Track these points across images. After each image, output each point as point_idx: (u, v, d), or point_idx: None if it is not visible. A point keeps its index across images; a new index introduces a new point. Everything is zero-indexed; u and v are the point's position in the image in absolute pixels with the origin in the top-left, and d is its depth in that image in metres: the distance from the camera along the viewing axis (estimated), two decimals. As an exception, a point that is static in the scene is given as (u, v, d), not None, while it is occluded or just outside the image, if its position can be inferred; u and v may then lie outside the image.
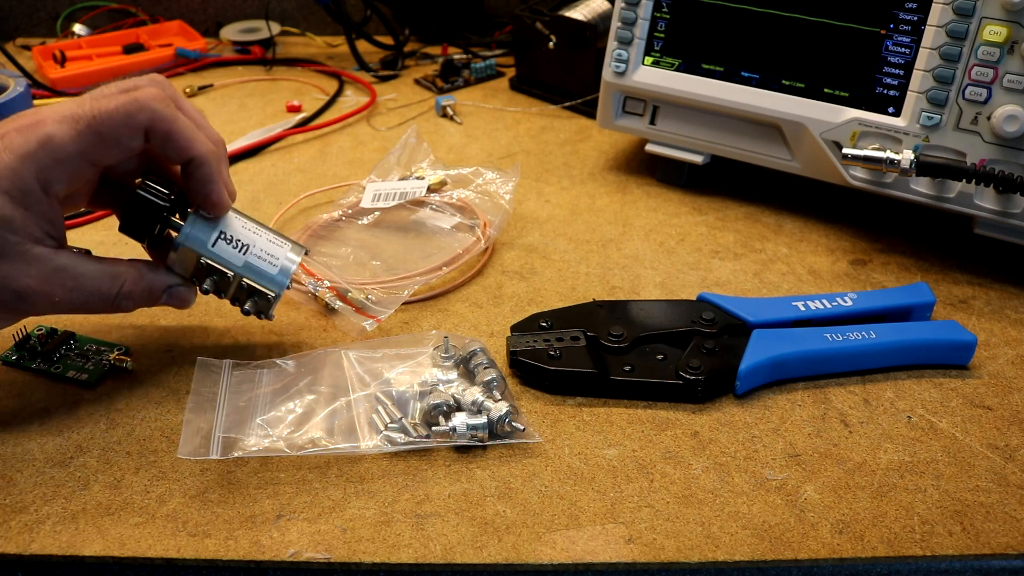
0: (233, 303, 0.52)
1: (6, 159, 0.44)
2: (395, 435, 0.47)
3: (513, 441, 0.48)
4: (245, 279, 0.51)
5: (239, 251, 0.51)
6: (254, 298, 0.52)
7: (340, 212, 0.69)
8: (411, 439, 0.47)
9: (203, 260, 0.50)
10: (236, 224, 0.51)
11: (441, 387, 0.50)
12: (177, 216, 0.51)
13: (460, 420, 0.48)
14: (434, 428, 0.48)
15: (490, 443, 0.48)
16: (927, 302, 0.57)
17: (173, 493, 0.45)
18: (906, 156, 0.60)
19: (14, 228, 0.45)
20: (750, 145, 0.70)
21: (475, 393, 0.49)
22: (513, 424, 0.48)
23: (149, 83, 0.48)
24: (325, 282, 0.59)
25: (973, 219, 0.62)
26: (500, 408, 0.48)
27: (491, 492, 0.45)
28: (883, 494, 0.46)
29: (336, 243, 0.66)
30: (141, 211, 0.49)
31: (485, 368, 0.51)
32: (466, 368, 0.52)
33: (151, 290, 0.50)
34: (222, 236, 0.50)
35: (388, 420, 0.48)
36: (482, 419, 0.48)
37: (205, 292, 0.51)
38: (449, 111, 0.89)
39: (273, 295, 0.51)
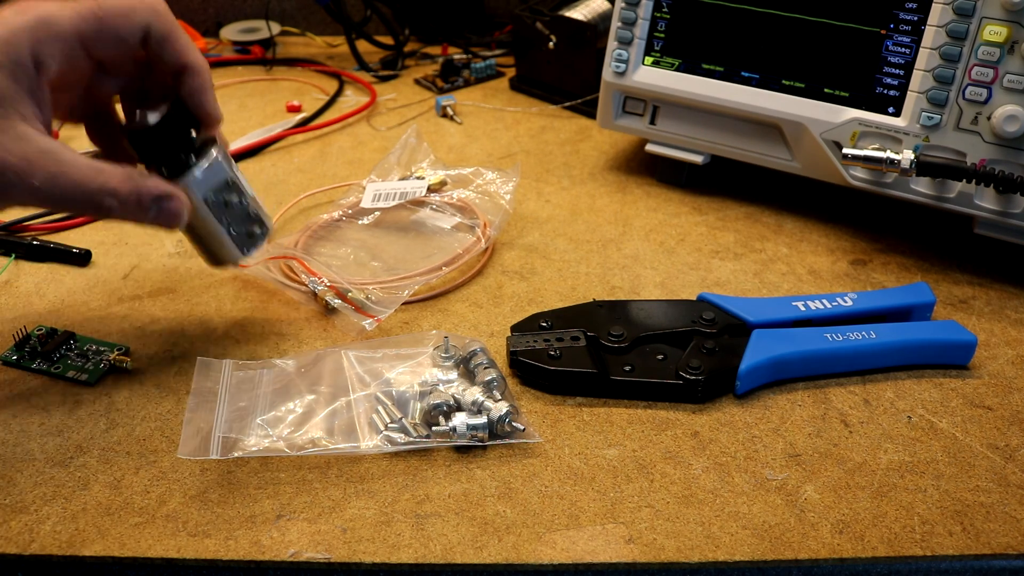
0: (228, 231, 0.52)
1: (1, 33, 0.43)
2: (395, 435, 0.47)
3: (513, 441, 0.48)
4: (253, 206, 0.53)
5: (247, 183, 0.53)
6: (251, 228, 0.53)
7: (340, 212, 0.69)
8: (411, 439, 0.47)
9: (229, 179, 0.51)
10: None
11: (441, 387, 0.50)
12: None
13: (460, 420, 0.48)
14: (434, 428, 0.48)
15: (490, 443, 0.48)
16: (927, 302, 0.57)
17: (173, 493, 0.45)
18: (906, 156, 0.60)
19: (1, 99, 0.43)
20: (750, 145, 0.70)
21: (475, 393, 0.49)
22: (513, 424, 0.48)
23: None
24: (325, 281, 0.59)
25: (973, 219, 0.62)
26: (500, 408, 0.48)
27: (491, 492, 0.45)
28: (883, 494, 0.46)
29: (336, 243, 0.66)
30: (176, 125, 0.49)
31: (485, 368, 0.51)
32: (466, 368, 0.52)
33: (139, 194, 0.46)
34: (236, 168, 0.52)
35: (388, 420, 0.48)
36: (482, 419, 0.48)
37: (207, 207, 0.50)
38: (449, 111, 0.89)
39: (269, 228, 0.54)
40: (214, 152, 0.50)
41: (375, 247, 0.66)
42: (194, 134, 0.50)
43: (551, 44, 0.89)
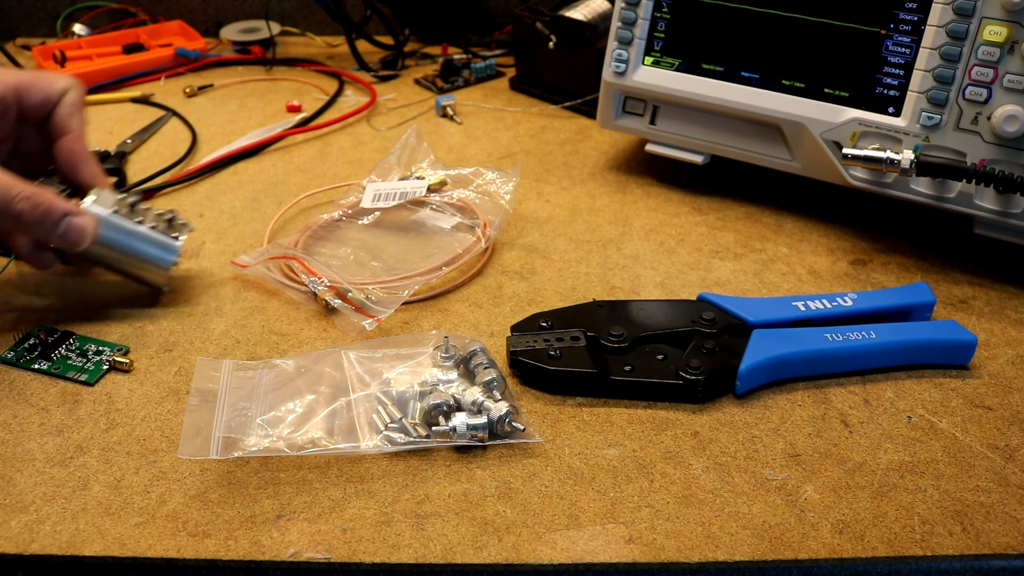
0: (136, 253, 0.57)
1: None
2: (395, 435, 0.47)
3: (513, 441, 0.48)
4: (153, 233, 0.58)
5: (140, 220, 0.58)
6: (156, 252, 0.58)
7: (340, 212, 0.69)
8: (411, 439, 0.47)
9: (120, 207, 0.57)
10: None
11: (441, 387, 0.50)
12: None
13: (460, 420, 0.48)
14: (434, 428, 0.48)
15: (490, 443, 0.48)
16: (927, 302, 0.57)
17: (173, 493, 0.45)
18: (906, 156, 0.60)
19: None
20: (750, 145, 0.70)
21: (475, 393, 0.49)
22: (513, 424, 0.48)
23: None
24: (325, 281, 0.59)
25: (973, 219, 0.62)
26: (500, 408, 0.48)
27: (491, 492, 0.45)
28: (883, 494, 0.46)
29: (336, 243, 0.66)
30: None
31: (485, 368, 0.51)
32: (466, 368, 0.52)
33: (50, 206, 0.51)
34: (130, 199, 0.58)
35: (388, 420, 0.48)
36: (482, 419, 0.48)
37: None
38: (449, 111, 0.89)
39: (176, 250, 0.59)
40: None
41: (375, 247, 0.66)
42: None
43: (551, 44, 0.89)
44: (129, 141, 0.84)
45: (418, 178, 0.70)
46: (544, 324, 0.55)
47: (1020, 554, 0.42)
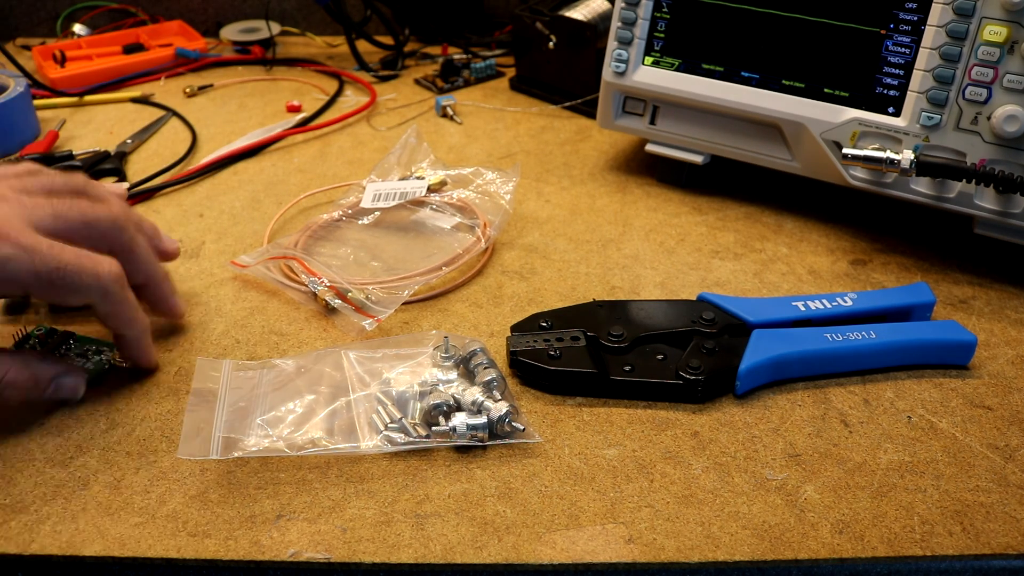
0: None
1: None
2: (395, 435, 0.47)
3: (513, 441, 0.48)
4: None
5: None
6: None
7: (340, 212, 0.69)
8: (411, 439, 0.47)
9: None
10: None
11: (441, 387, 0.50)
12: None
13: (460, 420, 0.48)
14: (434, 428, 0.48)
15: (490, 443, 0.48)
16: (927, 302, 0.57)
17: (173, 493, 0.45)
18: (906, 156, 0.60)
19: None
20: (750, 145, 0.70)
21: (475, 393, 0.49)
22: (513, 424, 0.48)
23: (116, 229, 0.50)
24: (325, 281, 0.59)
25: (973, 219, 0.62)
26: (500, 408, 0.48)
27: (491, 492, 0.45)
28: (883, 494, 0.46)
29: (336, 243, 0.66)
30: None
31: (485, 368, 0.51)
32: (466, 368, 0.52)
33: (37, 379, 0.49)
34: None
35: (388, 420, 0.48)
36: (482, 419, 0.48)
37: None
38: (449, 111, 0.89)
39: None
40: None
41: (375, 247, 0.66)
42: None
43: (551, 44, 0.89)
44: (129, 141, 0.84)
45: (418, 178, 0.70)
46: (544, 324, 0.55)
47: (1020, 554, 0.42)
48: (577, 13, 0.86)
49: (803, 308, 0.56)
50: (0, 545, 0.42)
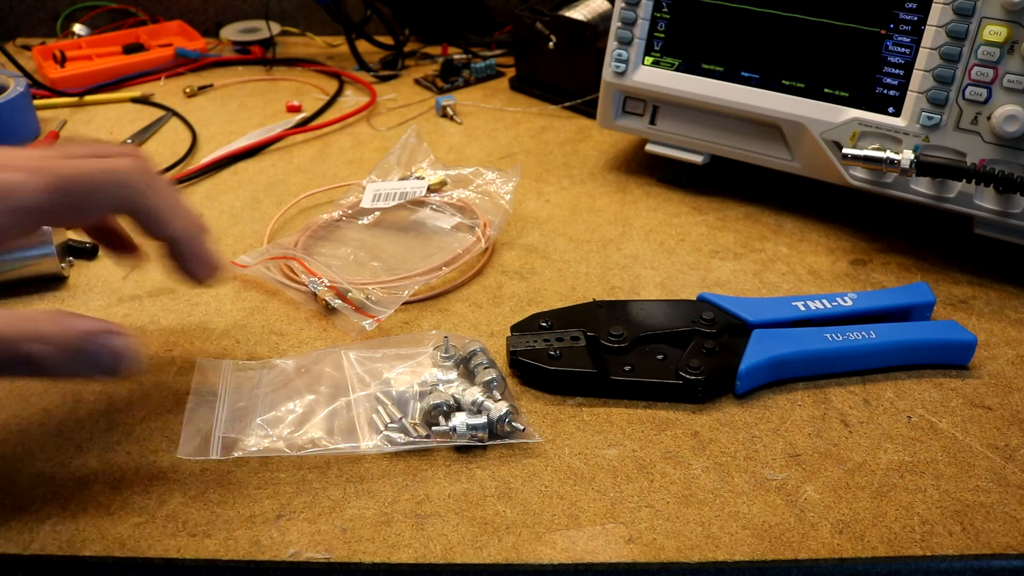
0: None
1: None
2: (395, 435, 0.47)
3: (513, 441, 0.48)
4: None
5: None
6: None
7: (340, 212, 0.69)
8: (411, 439, 0.47)
9: None
10: None
11: (441, 387, 0.50)
12: None
13: (460, 420, 0.48)
14: (434, 428, 0.48)
15: (490, 443, 0.48)
16: (927, 302, 0.57)
17: (173, 493, 0.45)
18: (906, 156, 0.60)
19: None
20: (750, 145, 0.70)
21: (475, 393, 0.49)
22: (513, 424, 0.48)
23: (126, 153, 0.45)
24: (325, 281, 0.59)
25: (973, 219, 0.62)
26: (500, 408, 0.48)
27: (491, 492, 0.45)
28: (883, 494, 0.46)
29: (336, 243, 0.66)
30: None
31: (485, 368, 0.51)
32: (466, 368, 0.52)
33: (68, 331, 0.40)
34: None
35: (388, 420, 0.48)
36: (482, 419, 0.48)
37: None
38: (449, 111, 0.89)
39: None
40: None
41: (375, 247, 0.66)
42: None
43: (551, 44, 0.89)
44: (129, 141, 0.84)
45: (418, 178, 0.70)
46: (544, 324, 0.55)
47: (1020, 554, 0.42)
48: (577, 13, 0.86)
49: (803, 308, 0.56)
50: (0, 545, 0.42)
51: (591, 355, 0.52)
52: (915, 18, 0.61)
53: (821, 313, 0.56)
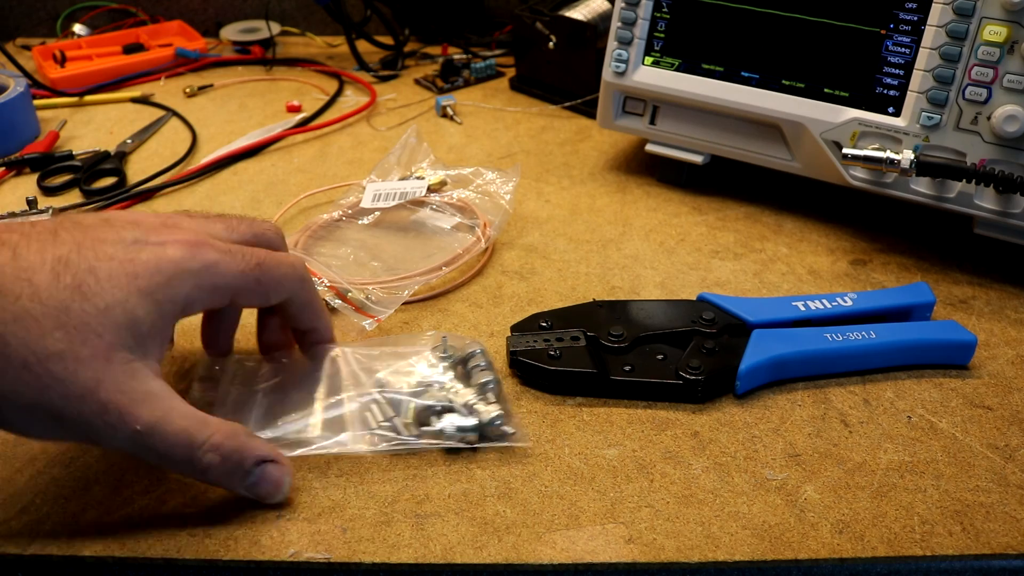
0: None
1: (165, 267, 0.41)
2: (387, 433, 0.47)
3: (503, 444, 0.48)
4: None
5: None
6: None
7: (340, 212, 0.69)
8: (401, 438, 0.47)
9: None
10: None
11: (436, 388, 0.50)
12: None
13: (450, 421, 0.47)
14: (423, 428, 0.47)
15: (480, 445, 0.48)
16: (927, 302, 0.57)
17: (173, 493, 0.45)
18: (906, 156, 0.60)
19: (139, 335, 0.40)
20: (750, 145, 0.70)
21: (468, 395, 0.49)
22: (503, 428, 0.48)
23: (280, 239, 0.50)
24: (325, 281, 0.59)
25: (973, 219, 0.62)
26: (491, 411, 0.48)
27: (491, 492, 0.45)
28: (883, 494, 0.46)
29: (336, 243, 0.66)
30: None
31: (482, 370, 0.51)
32: (463, 369, 0.52)
33: (242, 453, 0.42)
34: None
35: (381, 419, 0.48)
36: (472, 421, 0.47)
37: None
38: (449, 111, 0.89)
39: None
40: None
41: (375, 247, 0.66)
42: None
43: (551, 44, 0.89)
44: (129, 141, 0.84)
45: (418, 178, 0.70)
46: (544, 324, 0.55)
47: (1020, 554, 0.42)
48: (577, 13, 0.86)
49: (803, 308, 0.56)
50: (0, 545, 0.42)
51: (591, 355, 0.52)
52: (915, 18, 0.61)
53: (821, 313, 0.56)
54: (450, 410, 0.48)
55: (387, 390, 0.50)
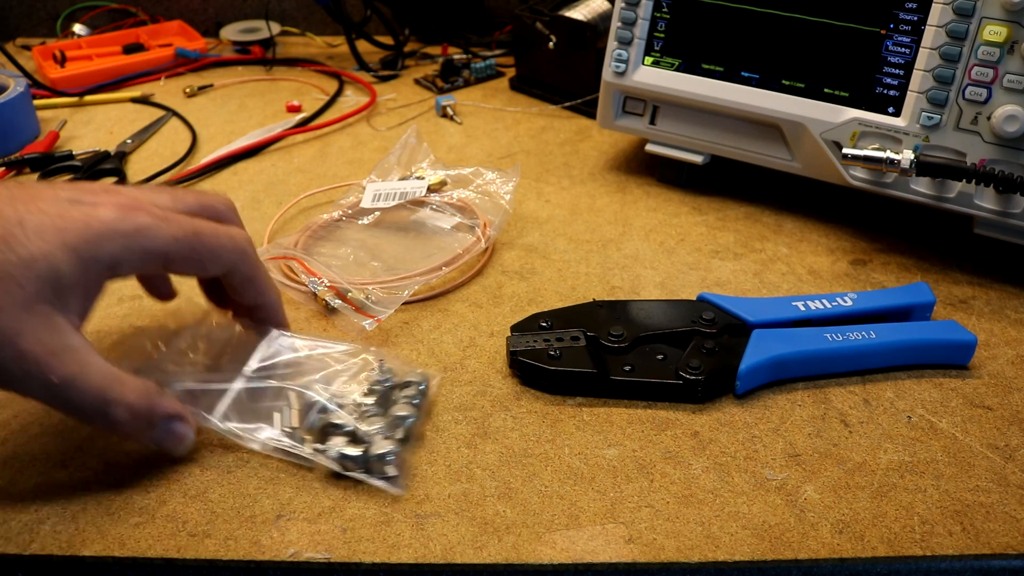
0: None
1: (94, 224, 0.41)
2: (283, 440, 0.46)
3: (376, 482, 0.45)
4: None
5: None
6: None
7: (340, 212, 0.69)
8: (295, 447, 0.46)
9: None
10: None
11: (350, 407, 0.47)
12: None
13: (335, 445, 0.46)
14: (316, 446, 0.46)
15: (359, 476, 0.45)
16: (927, 302, 0.57)
17: (173, 493, 0.45)
18: (906, 156, 0.60)
19: (60, 288, 0.41)
20: (750, 145, 0.70)
21: (376, 423, 0.47)
22: (386, 468, 0.45)
23: (235, 221, 0.50)
24: (325, 281, 0.59)
25: (973, 219, 0.62)
26: (385, 447, 0.45)
27: (491, 492, 0.45)
28: (883, 494, 0.46)
29: (336, 243, 0.66)
30: None
31: (406, 403, 0.49)
32: (390, 397, 0.50)
33: (151, 411, 0.44)
34: None
35: (285, 424, 0.47)
36: (358, 452, 0.45)
37: None
38: (449, 111, 0.89)
39: None
40: None
41: (375, 247, 0.66)
42: None
43: (551, 44, 0.89)
44: (129, 141, 0.84)
45: (418, 178, 0.70)
46: (544, 324, 0.55)
47: (1020, 554, 0.42)
48: (577, 13, 0.86)
49: (803, 308, 0.56)
50: (0, 545, 0.42)
51: (591, 355, 0.52)
52: (915, 18, 0.61)
53: (821, 313, 0.56)
54: (351, 433, 0.46)
55: (306, 392, 0.48)
